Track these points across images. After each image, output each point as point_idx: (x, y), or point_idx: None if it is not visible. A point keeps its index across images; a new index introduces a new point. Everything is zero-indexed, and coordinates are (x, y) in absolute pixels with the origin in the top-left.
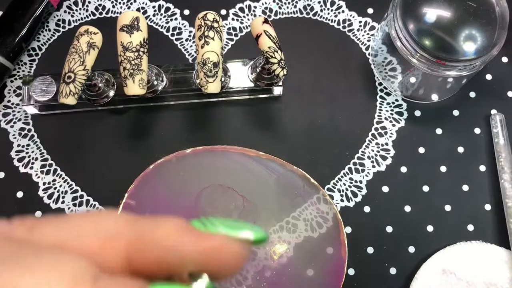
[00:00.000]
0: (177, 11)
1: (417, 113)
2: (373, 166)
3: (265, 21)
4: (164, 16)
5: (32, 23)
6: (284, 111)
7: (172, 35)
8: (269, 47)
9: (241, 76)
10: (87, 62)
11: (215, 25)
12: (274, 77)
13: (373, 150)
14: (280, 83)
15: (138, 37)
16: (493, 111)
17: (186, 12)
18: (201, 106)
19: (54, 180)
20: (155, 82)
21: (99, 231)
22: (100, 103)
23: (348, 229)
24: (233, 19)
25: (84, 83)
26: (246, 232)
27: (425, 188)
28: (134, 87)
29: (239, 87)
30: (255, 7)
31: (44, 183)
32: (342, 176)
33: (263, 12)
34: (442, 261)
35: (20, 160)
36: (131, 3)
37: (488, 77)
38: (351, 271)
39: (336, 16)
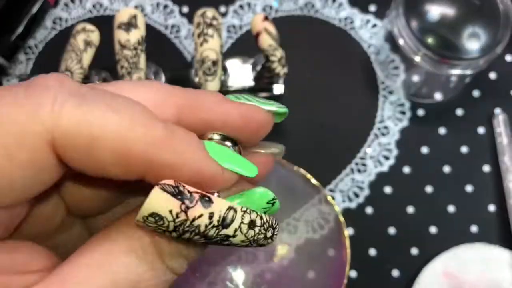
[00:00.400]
0: (176, 8)
1: (420, 112)
2: (376, 166)
3: (265, 18)
4: (163, 14)
5: (29, 21)
6: None
7: (171, 32)
8: (269, 45)
9: (241, 74)
10: (84, 61)
11: (214, 22)
12: (275, 76)
13: (375, 150)
14: (281, 82)
15: (136, 35)
16: (497, 111)
17: (185, 9)
18: None
19: None
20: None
21: (152, 95)
22: None
23: (350, 231)
24: (232, 16)
25: (81, 81)
26: (273, 106)
27: (428, 189)
28: None
29: (239, 86)
30: (255, 4)
31: None
32: (344, 177)
33: (263, 10)
34: (445, 264)
35: None
36: (129, 0)
37: (492, 75)
38: (353, 273)
39: (337, 13)
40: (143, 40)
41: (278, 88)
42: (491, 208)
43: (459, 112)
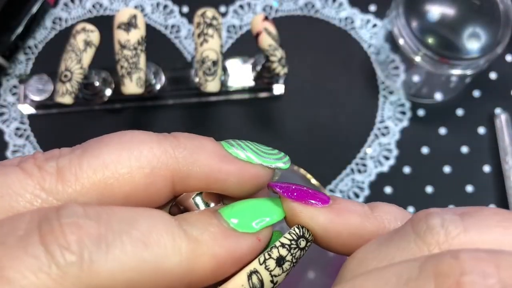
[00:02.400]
0: (176, 8)
1: (421, 112)
2: (376, 167)
3: (265, 18)
4: (163, 14)
5: (28, 21)
6: (285, 110)
7: (171, 32)
8: (269, 45)
9: (241, 74)
10: (84, 61)
11: (214, 22)
12: (275, 76)
13: (375, 150)
14: (281, 82)
15: (136, 35)
16: (498, 110)
17: (185, 9)
18: (201, 105)
19: None
20: (153, 81)
21: (142, 165)
22: (97, 102)
23: None
24: (232, 16)
25: (81, 81)
26: (279, 163)
27: (429, 189)
28: (132, 86)
29: (239, 86)
30: (255, 4)
31: None
32: (344, 177)
33: (263, 10)
34: None
35: None
36: (129, 0)
37: (493, 75)
38: None
39: (337, 13)
40: (143, 40)
41: (278, 88)
42: None
43: (460, 112)
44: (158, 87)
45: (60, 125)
